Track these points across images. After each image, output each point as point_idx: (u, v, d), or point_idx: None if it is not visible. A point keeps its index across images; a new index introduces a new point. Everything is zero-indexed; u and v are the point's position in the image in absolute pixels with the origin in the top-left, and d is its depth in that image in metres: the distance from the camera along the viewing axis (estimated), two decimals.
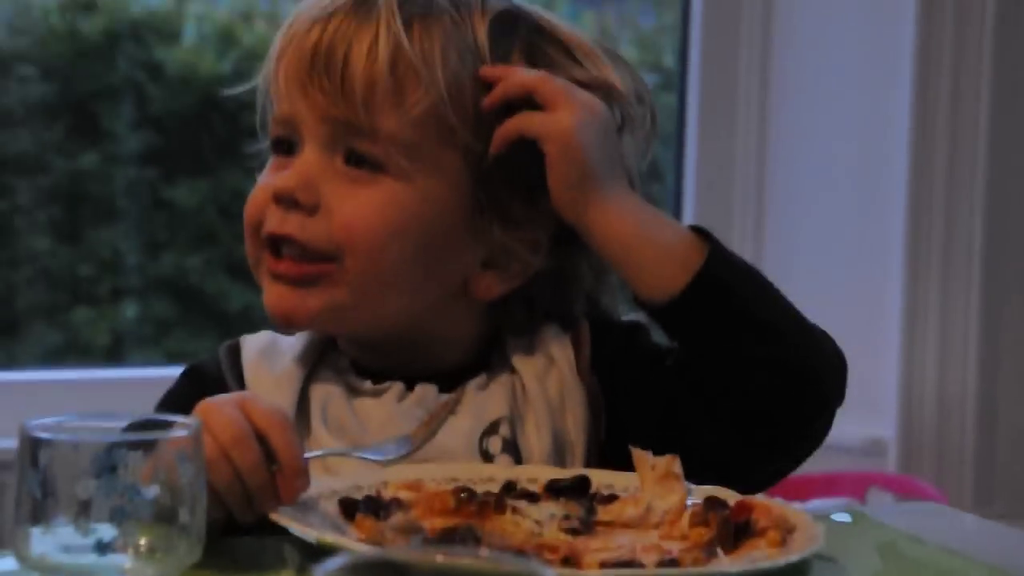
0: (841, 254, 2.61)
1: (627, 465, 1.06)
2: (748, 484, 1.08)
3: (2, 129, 2.54)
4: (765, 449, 1.15)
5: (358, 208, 1.12)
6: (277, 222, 1.13)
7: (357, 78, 1.11)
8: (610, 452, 1.15)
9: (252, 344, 1.21)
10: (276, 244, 1.14)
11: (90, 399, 2.35)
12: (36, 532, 0.82)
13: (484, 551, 0.87)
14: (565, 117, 1.11)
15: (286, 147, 1.16)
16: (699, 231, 1.15)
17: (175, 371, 1.24)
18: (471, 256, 1.17)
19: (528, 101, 1.13)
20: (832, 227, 2.64)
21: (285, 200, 1.13)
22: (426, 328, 1.18)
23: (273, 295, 1.15)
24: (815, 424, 1.15)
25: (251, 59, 2.64)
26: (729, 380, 1.12)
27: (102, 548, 0.81)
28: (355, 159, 1.13)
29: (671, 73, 2.83)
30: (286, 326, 1.17)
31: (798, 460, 1.18)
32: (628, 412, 1.18)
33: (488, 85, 1.14)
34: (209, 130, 2.69)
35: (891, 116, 2.54)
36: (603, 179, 1.12)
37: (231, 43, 2.67)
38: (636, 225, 1.13)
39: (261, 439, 0.94)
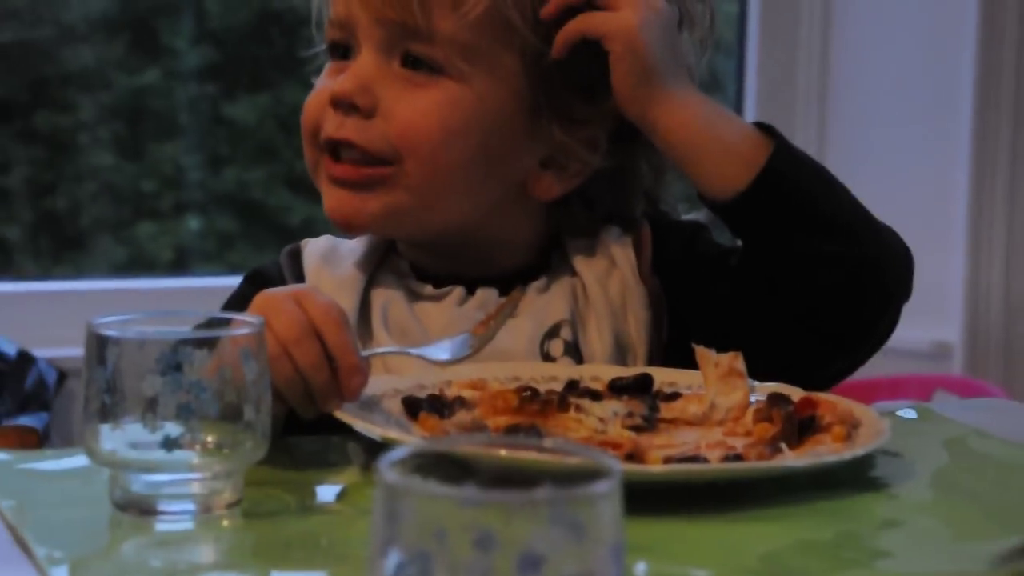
0: (905, 160, 2.58)
1: (690, 366, 1.06)
2: (813, 382, 1.07)
3: (64, 45, 2.55)
4: (831, 346, 1.14)
5: (417, 110, 1.12)
6: (335, 126, 1.13)
7: None
8: (672, 353, 1.15)
9: (313, 248, 1.21)
10: (335, 149, 1.14)
11: (155, 308, 2.37)
12: (105, 429, 0.83)
13: (548, 442, 0.87)
14: (628, 15, 1.10)
15: (342, 51, 1.16)
16: (764, 127, 1.14)
17: (239, 280, 1.25)
18: (530, 156, 1.16)
19: (588, 3, 1.12)
20: (896, 135, 2.60)
21: (343, 104, 1.12)
22: (486, 231, 1.18)
23: (333, 199, 1.15)
24: (881, 319, 1.14)
25: None
26: (795, 275, 1.12)
27: (169, 444, 0.82)
28: (412, 62, 1.13)
29: (730, 13, 2.79)
30: (347, 229, 1.17)
31: (863, 358, 1.17)
32: (691, 313, 1.18)
33: None
34: (268, 45, 2.69)
35: (958, 17, 2.49)
36: (667, 76, 1.11)
37: None
38: (700, 121, 1.12)
39: (319, 336, 0.95)
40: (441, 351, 1.05)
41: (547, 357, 1.15)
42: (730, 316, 1.16)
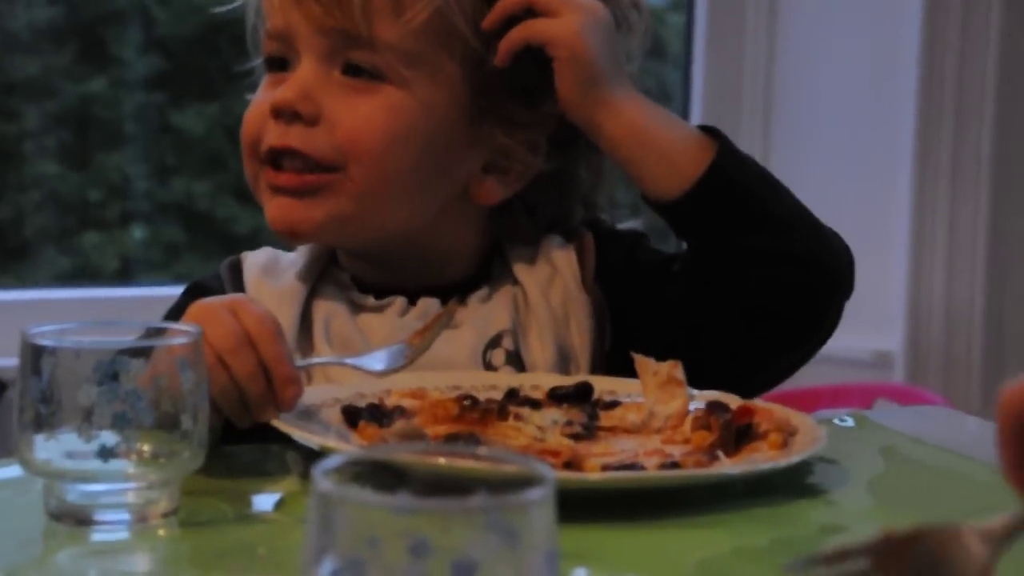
0: (848, 171, 2.60)
1: (632, 375, 1.06)
2: (757, 383, 1.08)
3: (10, 53, 2.53)
4: (775, 343, 1.16)
5: (361, 117, 1.12)
6: (278, 135, 1.13)
7: None
8: (615, 362, 1.15)
9: (253, 261, 1.21)
10: (276, 158, 1.14)
11: (99, 317, 2.35)
12: (40, 439, 0.82)
13: (483, 450, 0.87)
14: (570, 21, 1.11)
15: (279, 63, 1.16)
16: (708, 130, 1.15)
17: (183, 289, 1.24)
18: (472, 161, 1.17)
19: (528, 10, 1.13)
20: (840, 145, 2.62)
21: (285, 113, 1.12)
22: (429, 238, 1.18)
23: (276, 208, 1.15)
24: (825, 316, 1.16)
25: None
26: (740, 274, 1.13)
27: (105, 454, 0.82)
28: (354, 70, 1.13)
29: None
30: (290, 238, 1.17)
31: (806, 356, 1.18)
32: (634, 320, 1.19)
33: None
34: (216, 54, 2.67)
35: (901, 25, 2.52)
36: (611, 79, 1.12)
37: None
38: (645, 123, 1.13)
39: (254, 346, 0.94)
40: (377, 361, 1.05)
41: (489, 367, 1.15)
42: (674, 321, 1.17)
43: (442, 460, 0.64)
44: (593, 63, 1.12)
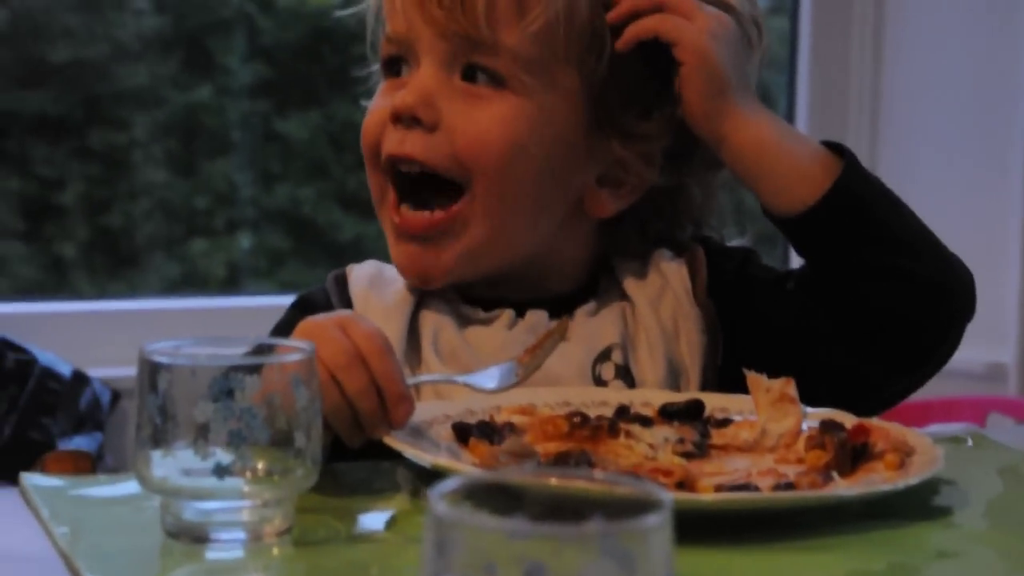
0: (958, 178, 2.56)
1: (743, 391, 1.05)
2: (874, 403, 1.07)
3: (118, 63, 2.57)
4: (894, 364, 1.14)
5: (481, 124, 1.11)
6: (396, 142, 1.13)
7: None
8: (727, 377, 1.14)
9: (360, 273, 1.21)
10: (395, 167, 1.13)
11: (207, 327, 2.38)
12: (157, 455, 0.83)
13: (599, 473, 0.86)
14: (701, 26, 1.11)
15: (398, 67, 1.16)
16: (833, 146, 1.13)
17: (289, 299, 1.25)
18: (587, 173, 1.16)
19: (656, 8, 1.12)
20: (949, 150, 2.58)
21: (404, 118, 1.12)
22: (544, 253, 1.18)
23: (404, 255, 1.14)
24: (945, 340, 1.14)
25: None
26: (860, 292, 1.12)
27: (220, 472, 0.82)
28: (474, 75, 1.12)
29: (782, 7, 2.78)
30: (424, 284, 1.16)
31: (923, 379, 1.17)
32: (747, 336, 1.18)
33: (606, 3, 1.13)
34: (319, 62, 2.70)
35: (1013, 33, 2.47)
36: (738, 90, 1.12)
37: None
38: (771, 137, 1.12)
39: (365, 363, 0.94)
40: (488, 379, 1.04)
41: (599, 380, 1.15)
42: (789, 339, 1.15)
43: (557, 482, 0.63)
44: (721, 72, 1.11)
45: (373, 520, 0.92)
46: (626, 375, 1.15)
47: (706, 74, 1.11)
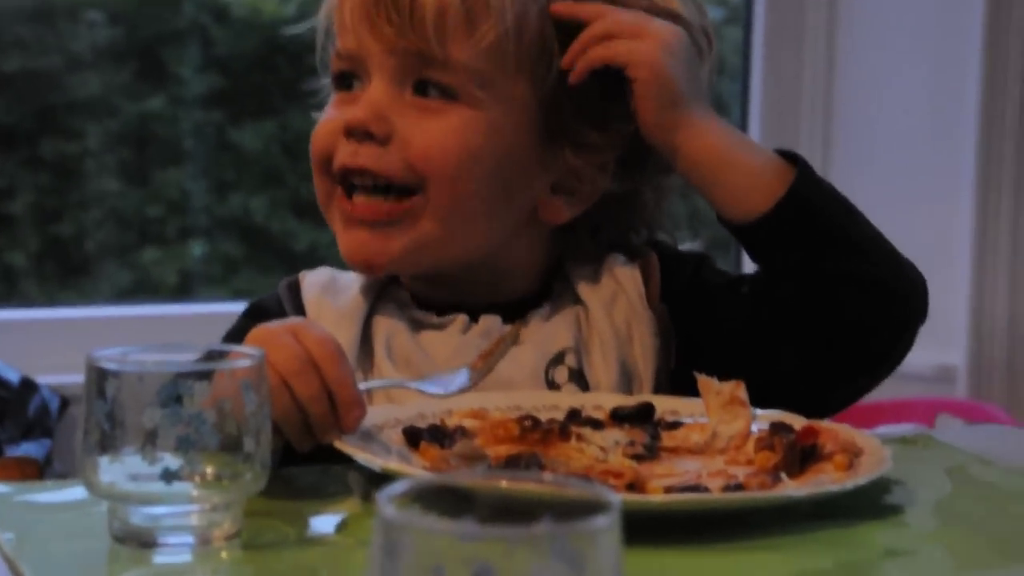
0: (910, 184, 2.58)
1: (696, 394, 1.05)
2: (826, 406, 1.07)
3: (71, 74, 2.56)
4: (847, 368, 1.15)
5: (434, 136, 1.12)
6: (349, 155, 1.13)
7: (428, 8, 1.11)
8: (679, 381, 1.15)
9: (312, 280, 1.21)
10: (348, 179, 1.14)
11: (158, 334, 2.37)
12: (104, 461, 0.83)
13: (548, 475, 0.87)
14: (651, 43, 1.11)
15: (349, 82, 1.16)
16: (787, 155, 1.14)
17: (241, 306, 1.25)
18: (541, 181, 1.17)
19: (606, 35, 1.13)
20: (901, 157, 2.60)
21: (357, 132, 1.12)
22: (496, 258, 1.18)
23: (353, 241, 1.15)
24: (898, 342, 1.15)
25: (315, 0, 2.65)
26: (815, 296, 1.12)
27: (168, 477, 0.82)
28: (425, 89, 1.13)
29: (737, 7, 2.79)
30: (367, 271, 1.16)
31: (877, 379, 1.18)
32: (701, 340, 1.18)
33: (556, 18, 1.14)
34: (274, 72, 2.69)
35: (963, 41, 2.50)
36: (691, 101, 1.12)
37: None
38: (725, 145, 1.13)
39: (317, 368, 0.94)
40: (440, 385, 1.04)
41: (552, 384, 1.15)
42: (744, 343, 1.16)
43: (507, 484, 0.63)
44: (673, 85, 1.11)
45: (323, 523, 0.91)
46: (579, 379, 1.16)
47: (658, 87, 1.11)
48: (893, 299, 1.13)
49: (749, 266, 1.23)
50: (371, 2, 1.12)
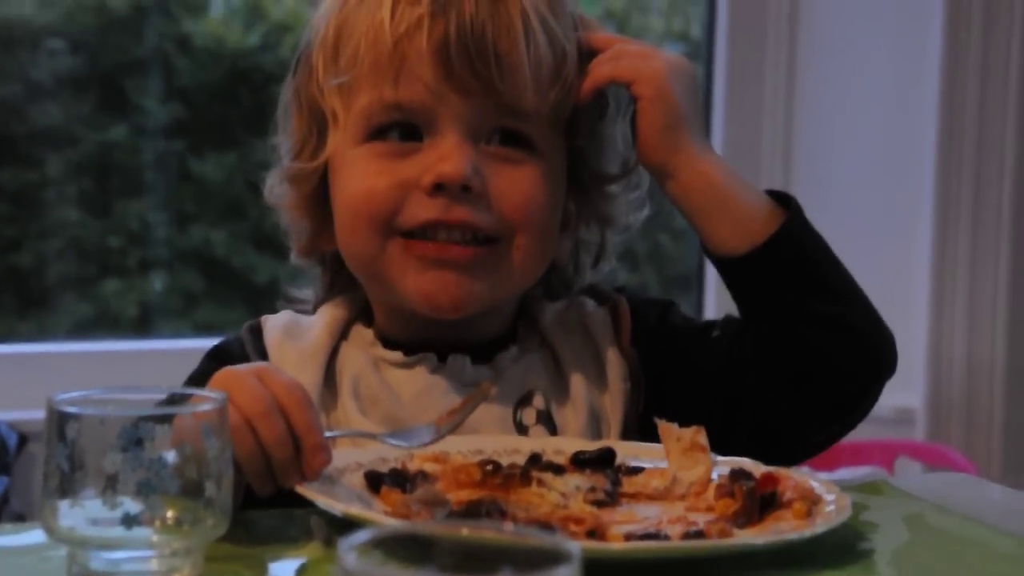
0: (869, 222, 2.60)
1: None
2: (794, 452, 1.08)
3: (32, 102, 2.55)
4: (819, 414, 1.16)
5: (524, 188, 1.13)
6: (441, 210, 1.11)
7: (522, 61, 1.11)
8: (649, 425, 1.15)
9: (274, 323, 1.20)
10: (431, 231, 1.12)
11: (119, 370, 2.36)
12: (64, 505, 0.82)
13: (509, 525, 0.87)
14: (657, 63, 1.13)
15: (396, 133, 1.13)
16: (780, 197, 1.16)
17: (203, 342, 1.24)
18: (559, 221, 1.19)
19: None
20: (860, 195, 2.62)
21: (452, 189, 1.10)
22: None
23: (437, 282, 1.12)
24: (870, 390, 1.16)
25: (279, 32, 2.65)
26: (793, 337, 1.13)
27: (129, 521, 0.82)
28: (503, 139, 1.13)
29: (698, 43, 2.81)
30: (448, 313, 1.14)
31: (847, 428, 1.19)
32: (671, 385, 1.19)
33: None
34: (236, 103, 2.69)
35: (920, 81, 2.52)
36: (692, 127, 1.14)
37: (259, 15, 2.67)
38: (722, 176, 1.14)
39: (283, 413, 0.94)
40: (403, 439, 1.04)
41: (520, 426, 1.15)
42: (715, 387, 1.16)
43: (467, 533, 0.63)
44: (676, 106, 1.13)
45: (284, 569, 0.91)
46: (548, 420, 1.16)
47: (662, 107, 1.12)
48: (868, 348, 1.14)
49: (710, 315, 1.24)
50: (451, 53, 1.10)
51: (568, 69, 1.14)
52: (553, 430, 1.15)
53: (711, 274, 2.60)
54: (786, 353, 1.13)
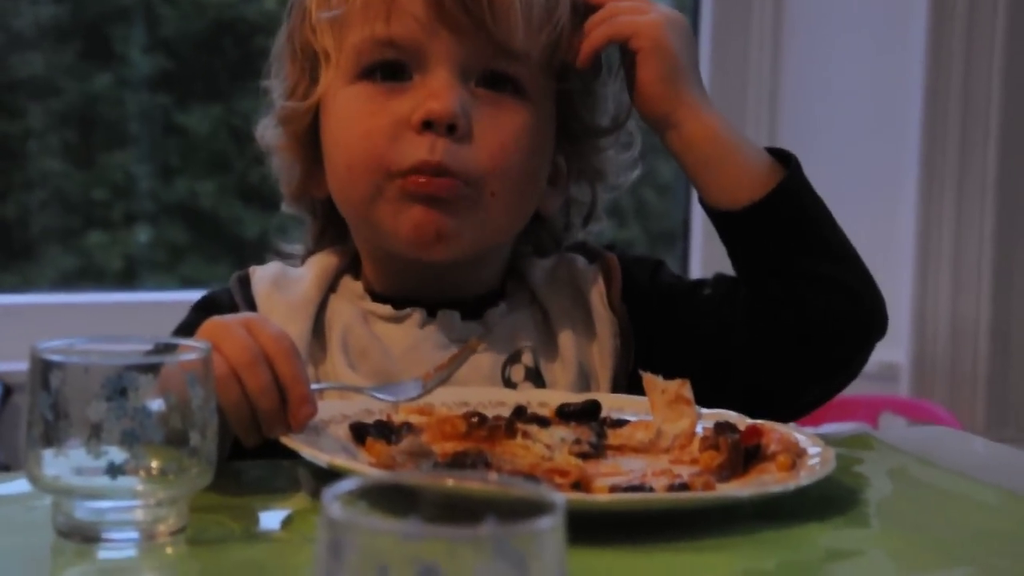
0: (855, 179, 2.60)
1: None
2: (784, 412, 1.08)
3: (14, 52, 2.53)
4: (810, 373, 1.16)
5: (505, 134, 1.11)
6: (427, 149, 1.10)
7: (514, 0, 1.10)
8: (638, 383, 1.15)
9: (263, 274, 1.20)
10: (423, 172, 1.10)
11: (103, 323, 2.35)
12: (48, 454, 0.82)
13: (493, 475, 0.87)
14: (653, 17, 1.13)
15: (393, 71, 1.12)
16: (780, 154, 1.15)
17: (188, 295, 1.24)
18: (546, 172, 1.19)
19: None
20: (846, 152, 2.62)
21: (439, 126, 1.09)
22: (495, 249, 1.19)
23: (423, 215, 1.11)
24: (860, 350, 1.16)
25: None
26: (787, 293, 1.13)
27: (113, 471, 0.81)
28: (493, 81, 1.12)
29: (684, 8, 2.80)
30: (429, 251, 1.12)
31: (837, 388, 1.19)
32: (662, 342, 1.18)
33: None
34: (221, 54, 2.67)
35: (907, 37, 2.52)
36: (691, 80, 1.13)
37: None
38: (723, 129, 1.14)
39: (269, 364, 0.94)
40: (390, 393, 1.04)
41: (508, 383, 1.15)
42: (706, 344, 1.16)
43: (452, 484, 0.63)
44: (676, 58, 1.12)
45: (270, 519, 0.91)
46: (536, 378, 1.16)
47: (661, 58, 1.12)
48: (861, 307, 1.14)
49: (696, 270, 1.24)
50: None
51: (560, 12, 1.13)
52: (542, 387, 1.15)
53: (697, 230, 2.60)
54: (780, 310, 1.13)
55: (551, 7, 1.12)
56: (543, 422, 1.04)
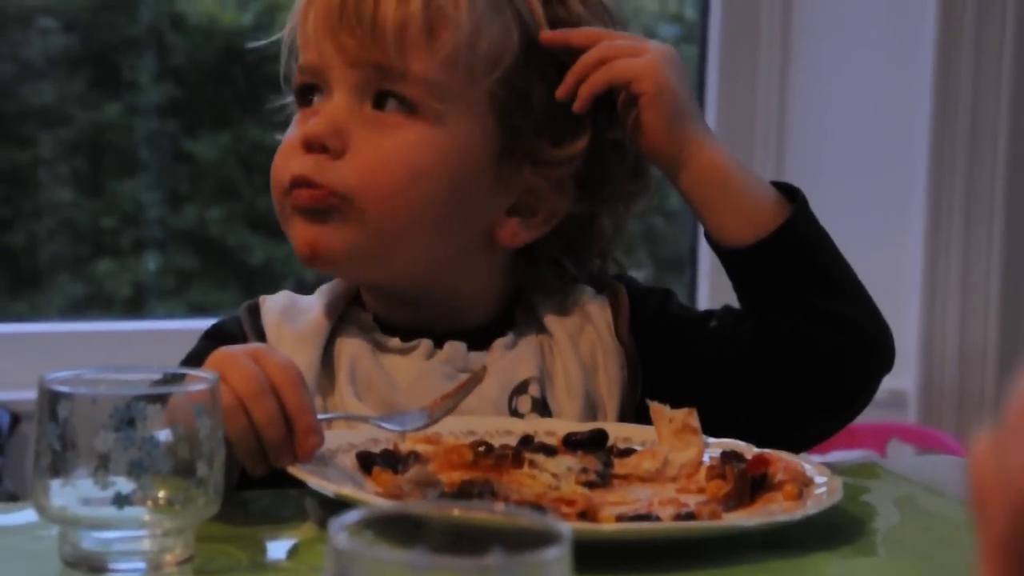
0: (862, 206, 2.60)
1: None
2: (790, 445, 1.08)
3: (24, 81, 2.54)
4: (816, 407, 1.16)
5: (383, 152, 1.11)
6: (301, 164, 1.12)
7: (389, 20, 1.10)
8: (645, 414, 1.14)
9: (272, 304, 1.20)
10: (297, 186, 1.13)
11: (112, 351, 2.35)
12: (56, 484, 0.82)
13: (500, 505, 0.87)
14: (650, 58, 1.12)
15: (311, 96, 1.15)
16: (785, 188, 1.15)
17: (196, 323, 1.24)
18: (497, 201, 1.16)
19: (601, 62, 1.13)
20: (854, 179, 2.62)
21: (315, 146, 1.12)
22: (453, 280, 1.18)
23: (299, 230, 1.13)
24: (866, 385, 1.16)
25: (272, 11, 2.64)
26: (794, 329, 1.13)
27: (120, 501, 0.82)
28: (384, 102, 1.12)
29: (692, 24, 2.81)
30: (312, 262, 1.14)
31: (843, 422, 1.19)
32: (668, 374, 1.18)
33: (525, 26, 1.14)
34: (230, 82, 2.68)
35: (914, 65, 2.52)
36: (694, 113, 1.14)
37: None
38: (730, 165, 1.13)
39: (276, 394, 0.94)
40: (396, 423, 1.04)
41: (515, 413, 1.15)
42: (713, 377, 1.16)
43: (458, 514, 0.64)
44: (679, 97, 1.12)
45: (277, 549, 0.91)
46: (543, 408, 1.15)
47: (665, 100, 1.11)
48: (866, 343, 1.14)
49: (704, 297, 1.24)
50: (334, 15, 1.12)
51: (449, 33, 1.11)
52: (549, 417, 1.15)
53: (704, 257, 2.60)
54: (786, 346, 1.13)
55: (433, 25, 1.11)
56: (550, 451, 1.04)
